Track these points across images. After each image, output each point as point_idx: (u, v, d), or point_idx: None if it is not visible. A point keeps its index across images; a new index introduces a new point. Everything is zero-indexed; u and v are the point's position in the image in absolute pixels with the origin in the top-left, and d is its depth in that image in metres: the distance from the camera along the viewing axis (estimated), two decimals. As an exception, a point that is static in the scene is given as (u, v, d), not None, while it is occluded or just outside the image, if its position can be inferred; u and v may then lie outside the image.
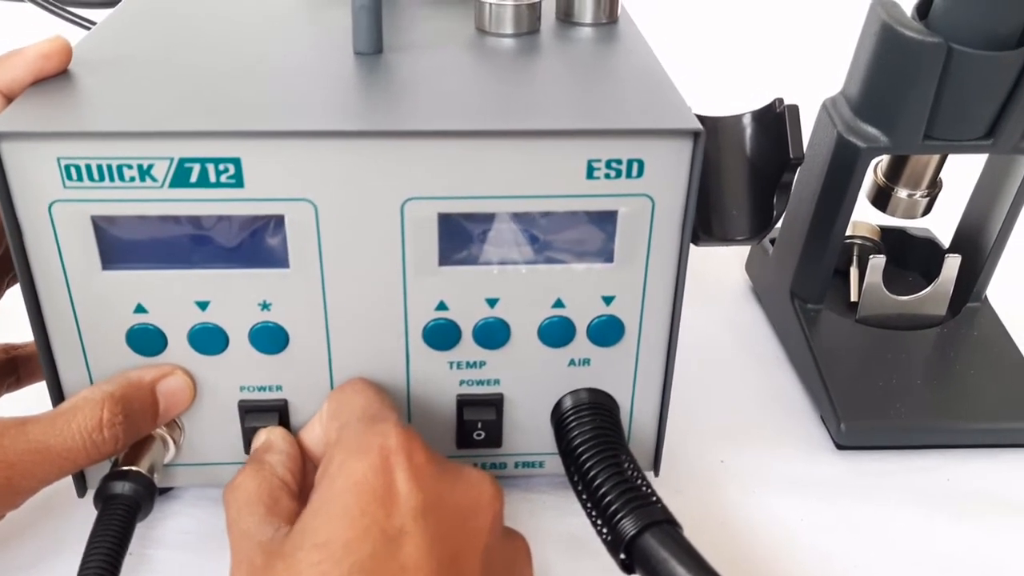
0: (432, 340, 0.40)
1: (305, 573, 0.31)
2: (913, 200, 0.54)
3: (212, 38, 0.45)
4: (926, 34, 0.45)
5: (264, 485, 0.37)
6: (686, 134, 0.36)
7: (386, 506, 0.32)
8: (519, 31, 0.47)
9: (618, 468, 0.38)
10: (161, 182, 0.35)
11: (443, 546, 0.32)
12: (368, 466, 0.33)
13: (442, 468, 0.35)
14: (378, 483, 0.33)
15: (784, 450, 0.50)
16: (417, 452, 0.34)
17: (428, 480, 0.33)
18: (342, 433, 0.36)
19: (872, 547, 0.44)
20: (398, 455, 0.34)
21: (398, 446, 0.34)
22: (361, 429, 0.36)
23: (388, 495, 0.32)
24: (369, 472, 0.33)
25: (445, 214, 0.37)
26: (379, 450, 0.34)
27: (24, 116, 0.35)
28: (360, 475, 0.33)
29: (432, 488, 0.33)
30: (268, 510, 0.35)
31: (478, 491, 0.35)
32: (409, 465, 0.33)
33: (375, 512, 0.32)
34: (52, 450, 0.36)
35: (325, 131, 0.35)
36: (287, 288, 0.38)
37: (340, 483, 0.33)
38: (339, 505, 0.32)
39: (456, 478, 0.35)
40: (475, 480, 0.35)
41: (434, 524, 0.32)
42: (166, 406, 0.39)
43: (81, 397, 0.38)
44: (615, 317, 0.40)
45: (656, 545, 0.35)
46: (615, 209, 0.38)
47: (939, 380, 0.52)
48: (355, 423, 0.37)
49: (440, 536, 0.32)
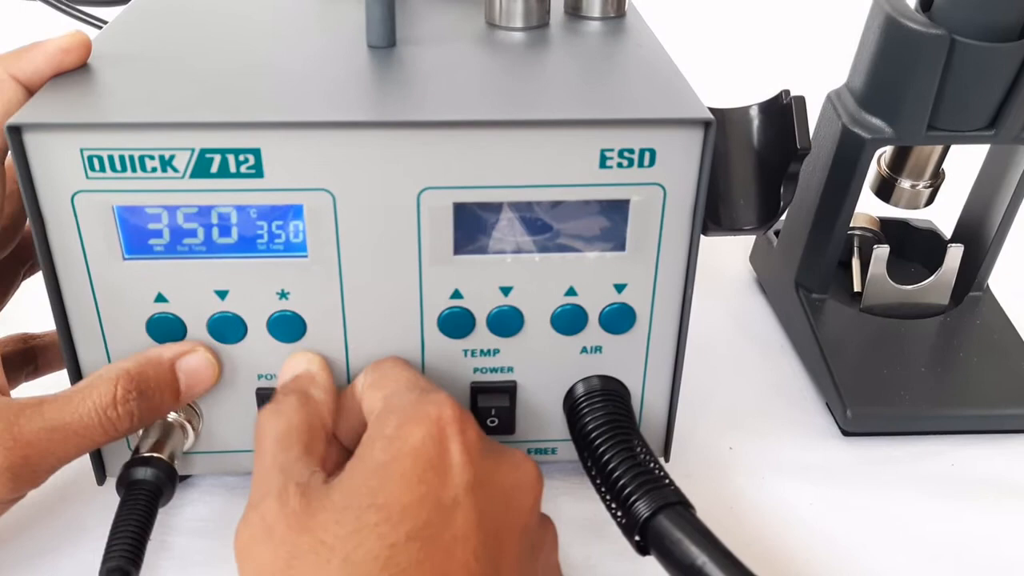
0: (447, 328, 0.41)
1: (363, 532, 0.31)
2: (916, 191, 0.54)
3: (227, 33, 0.46)
4: (929, 26, 0.45)
5: (307, 422, 0.36)
6: (697, 123, 0.37)
7: (441, 476, 0.32)
8: (529, 25, 0.47)
9: (631, 452, 0.39)
10: (182, 172, 0.36)
11: (490, 521, 0.32)
12: (426, 433, 0.33)
13: (490, 447, 0.35)
14: (434, 452, 0.33)
15: (791, 437, 0.51)
16: (470, 428, 0.35)
17: (478, 456, 0.34)
18: (392, 401, 0.36)
19: (877, 531, 0.45)
20: (453, 427, 0.34)
21: (453, 418, 0.34)
22: (414, 399, 0.36)
23: (443, 465, 0.33)
24: (428, 440, 0.33)
25: (460, 203, 0.38)
26: (436, 420, 0.34)
27: (47, 108, 0.36)
28: (418, 442, 0.33)
29: (482, 464, 0.34)
30: (306, 449, 0.35)
31: (522, 472, 0.35)
32: (463, 439, 0.34)
33: (432, 480, 0.32)
34: (68, 428, 0.36)
35: (343, 122, 0.36)
36: (305, 277, 0.39)
37: (398, 447, 0.33)
38: (398, 469, 0.33)
39: (502, 458, 0.35)
40: (519, 461, 0.36)
41: (483, 499, 0.33)
42: (188, 383, 0.39)
43: (96, 375, 0.38)
44: (627, 305, 0.41)
45: (670, 526, 0.36)
46: (627, 198, 0.38)
47: (942, 368, 0.53)
48: (404, 392, 0.37)
49: (487, 512, 0.33)
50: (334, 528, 0.31)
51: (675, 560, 0.35)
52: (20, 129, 0.35)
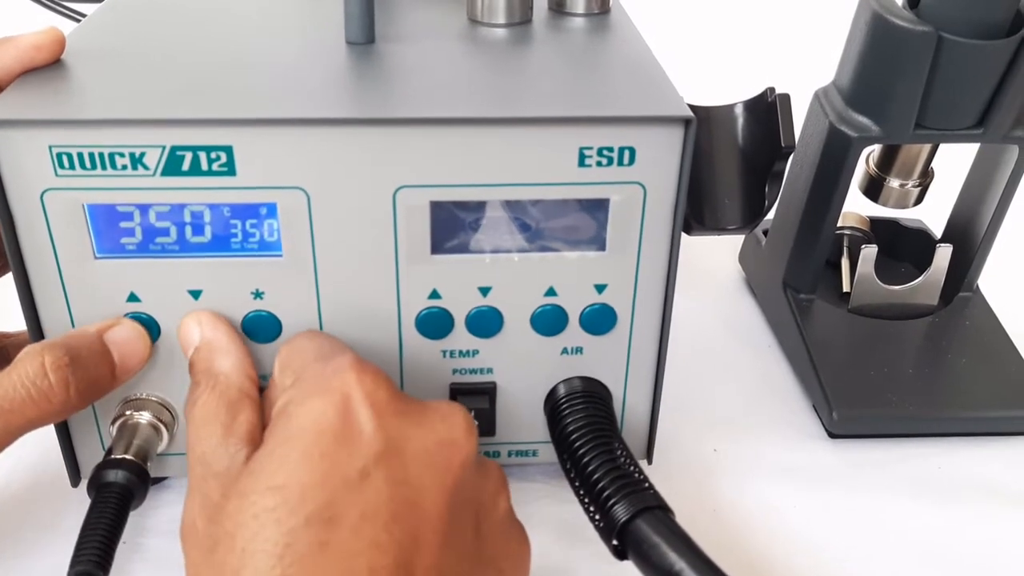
0: (425, 329, 0.40)
1: (260, 518, 0.29)
2: (905, 190, 0.54)
3: (204, 28, 0.45)
4: (916, 23, 0.45)
5: (218, 400, 0.35)
6: (677, 121, 0.36)
7: (348, 448, 0.30)
8: (511, 21, 0.47)
9: (611, 455, 0.39)
10: (153, 170, 0.35)
11: (407, 488, 0.30)
12: (328, 404, 0.31)
13: (407, 405, 0.33)
14: (339, 423, 0.31)
15: (776, 439, 0.50)
16: (380, 388, 0.32)
17: (392, 419, 0.32)
18: (298, 376, 0.34)
19: (863, 534, 0.44)
20: (358, 392, 0.32)
21: (358, 382, 0.32)
22: (317, 370, 0.34)
23: (350, 436, 0.31)
24: (330, 410, 0.31)
25: (437, 202, 0.37)
26: (340, 388, 0.32)
27: (16, 104, 0.35)
28: (319, 414, 0.31)
29: (396, 427, 0.31)
30: (226, 429, 0.33)
31: (447, 426, 0.33)
32: (371, 403, 0.31)
33: (336, 454, 0.30)
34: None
35: (317, 119, 0.35)
36: (280, 276, 0.38)
37: (298, 422, 0.31)
38: (298, 446, 0.31)
39: (423, 415, 0.33)
40: (446, 413, 0.33)
41: (398, 466, 0.30)
42: (121, 355, 0.38)
43: (22, 352, 0.36)
44: (607, 305, 0.40)
45: (648, 530, 0.35)
46: (607, 197, 0.38)
47: (931, 369, 0.52)
48: (311, 364, 0.35)
49: (404, 478, 0.30)
50: (236, 516, 0.30)
51: (653, 565, 0.35)
52: (-13, 126, 0.34)
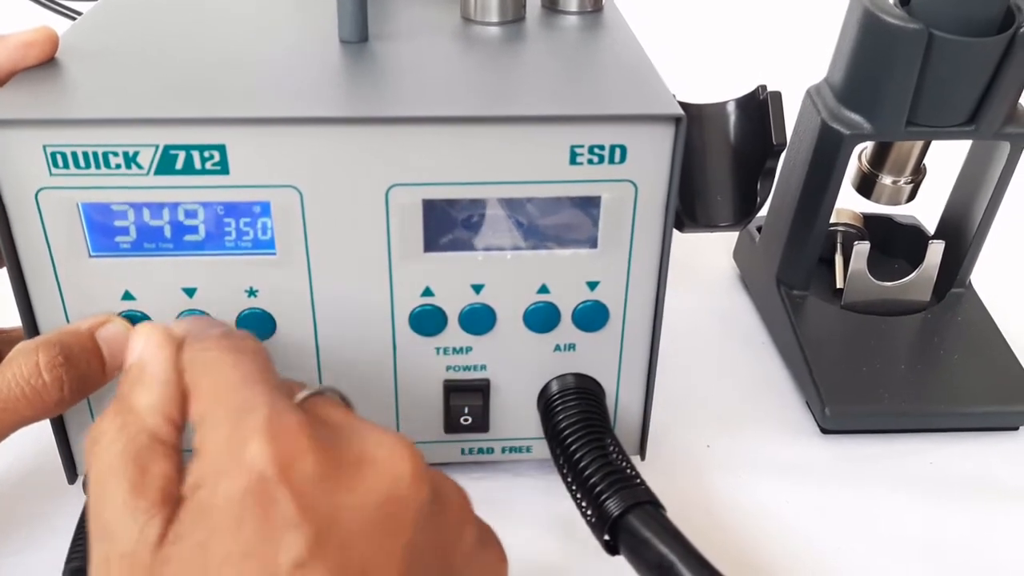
0: (418, 326, 0.41)
1: None
2: (897, 186, 0.54)
3: (198, 27, 0.46)
4: (907, 20, 0.45)
5: (129, 447, 0.28)
6: (667, 119, 0.36)
7: (272, 541, 0.25)
8: (504, 19, 0.47)
9: (603, 451, 0.39)
10: (147, 169, 0.36)
11: (355, 563, 0.26)
12: (242, 490, 0.26)
13: (336, 467, 0.27)
14: (258, 512, 0.26)
15: (769, 434, 0.50)
16: (299, 455, 0.27)
17: (319, 492, 0.26)
18: (206, 433, 0.28)
19: (855, 530, 0.44)
20: (272, 468, 0.26)
21: (271, 456, 0.26)
22: (225, 434, 0.28)
23: (272, 527, 0.26)
24: (246, 498, 0.26)
25: (430, 200, 0.37)
26: (252, 465, 0.26)
27: (10, 103, 0.36)
28: (235, 504, 0.26)
29: (325, 502, 0.26)
30: (133, 487, 0.27)
31: (388, 480, 0.27)
32: (289, 481, 0.26)
33: (260, 552, 0.25)
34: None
35: (309, 117, 0.35)
36: (273, 274, 0.39)
37: (212, 517, 0.26)
38: (217, 545, 0.26)
39: (357, 472, 0.27)
40: (382, 465, 0.28)
41: (335, 551, 0.26)
42: (110, 352, 0.37)
43: (15, 349, 0.36)
44: (600, 302, 0.41)
45: (639, 526, 0.35)
46: (598, 195, 0.38)
47: (923, 365, 0.52)
48: (220, 414, 0.28)
49: (344, 564, 0.26)
50: None
51: (644, 559, 0.35)
52: (-19, 125, 0.34)
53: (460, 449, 0.45)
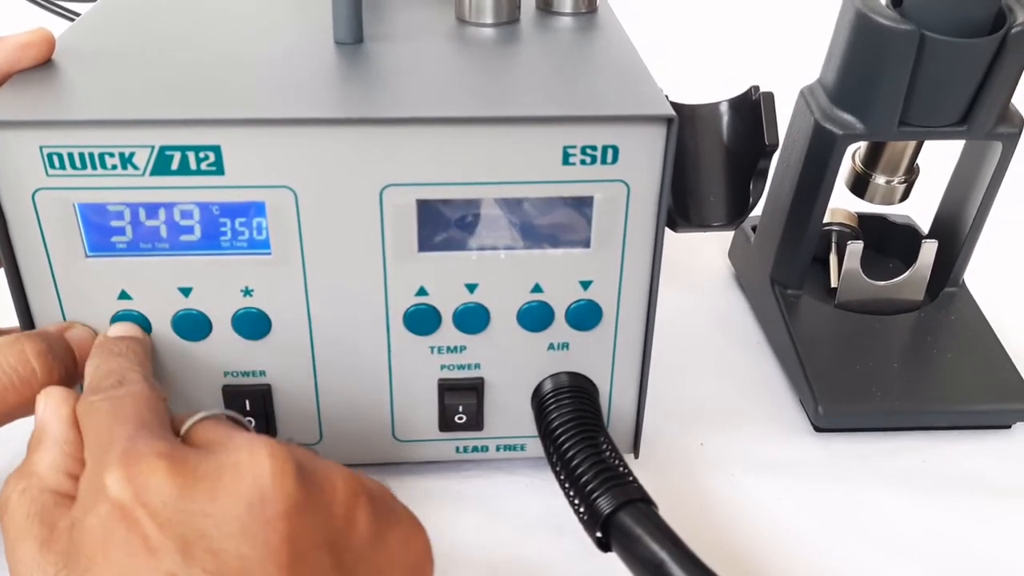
0: (413, 325, 0.41)
1: None
2: (891, 186, 0.54)
3: (194, 29, 0.46)
4: (899, 21, 0.45)
5: (33, 508, 0.30)
6: (659, 120, 0.37)
7: (144, 561, 0.27)
8: (499, 20, 0.47)
9: (595, 449, 0.39)
10: (142, 170, 0.36)
11: (232, 563, 0.27)
12: (107, 521, 0.28)
13: (194, 480, 0.28)
14: (125, 538, 0.27)
15: (763, 433, 0.51)
16: (155, 479, 0.28)
17: (179, 508, 0.27)
18: (82, 477, 0.31)
19: (848, 527, 0.45)
20: (128, 494, 0.28)
21: (126, 483, 0.28)
22: (90, 470, 0.30)
23: (140, 548, 0.27)
24: (111, 527, 0.27)
25: (423, 200, 0.38)
26: (113, 497, 0.28)
27: (7, 105, 0.36)
28: (103, 536, 0.27)
29: (187, 515, 0.27)
30: (42, 544, 0.29)
31: (248, 482, 0.28)
32: (146, 503, 0.28)
33: (132, 573, 0.27)
34: None
35: (304, 119, 0.36)
36: (269, 274, 0.39)
37: (87, 552, 0.28)
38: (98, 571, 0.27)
39: (217, 481, 0.28)
40: (240, 468, 0.28)
41: (206, 556, 0.27)
42: (80, 353, 0.38)
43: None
44: (593, 302, 0.41)
45: (631, 523, 0.36)
46: (591, 195, 0.38)
47: (916, 363, 0.53)
48: (90, 456, 0.31)
49: (218, 567, 0.26)
50: None
51: (636, 557, 0.35)
52: (-22, 127, 0.35)
53: (455, 447, 0.45)
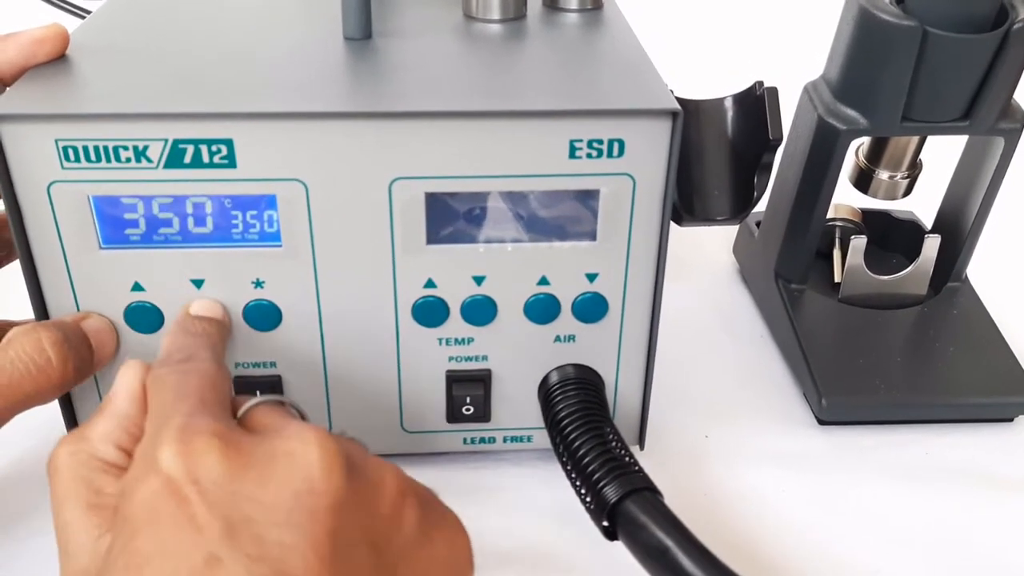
0: (421, 317, 0.41)
1: None
2: (894, 181, 0.55)
3: (205, 24, 0.46)
4: (902, 17, 0.46)
5: (82, 470, 0.31)
6: (665, 114, 0.37)
7: (185, 537, 0.27)
8: (506, 17, 0.48)
9: (601, 439, 0.40)
10: (156, 163, 0.36)
11: (265, 565, 0.26)
12: (156, 493, 0.28)
13: (245, 463, 0.28)
14: (172, 512, 0.27)
15: (767, 425, 0.51)
16: (207, 456, 0.28)
17: (227, 490, 0.27)
18: (139, 447, 0.31)
19: (850, 519, 0.45)
20: (180, 470, 0.28)
21: (179, 458, 0.28)
22: (146, 445, 0.30)
23: (184, 524, 0.27)
24: (159, 501, 0.27)
25: (432, 193, 0.38)
26: (164, 470, 0.28)
27: (23, 99, 0.36)
28: (150, 508, 0.27)
29: (234, 496, 0.27)
30: (89, 507, 0.30)
31: (299, 472, 0.28)
32: (196, 480, 0.27)
33: (175, 549, 0.26)
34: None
35: (315, 112, 0.36)
36: (279, 266, 0.39)
37: (132, 522, 0.27)
38: (138, 548, 0.27)
39: (268, 467, 0.28)
40: (293, 458, 0.28)
41: (249, 540, 0.26)
42: (96, 342, 0.39)
43: (11, 332, 0.37)
44: (599, 294, 0.42)
45: (637, 511, 0.36)
46: (597, 188, 0.39)
47: (919, 357, 0.53)
48: (149, 428, 0.31)
49: (260, 554, 0.26)
50: None
51: (642, 545, 0.36)
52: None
53: (462, 439, 0.46)
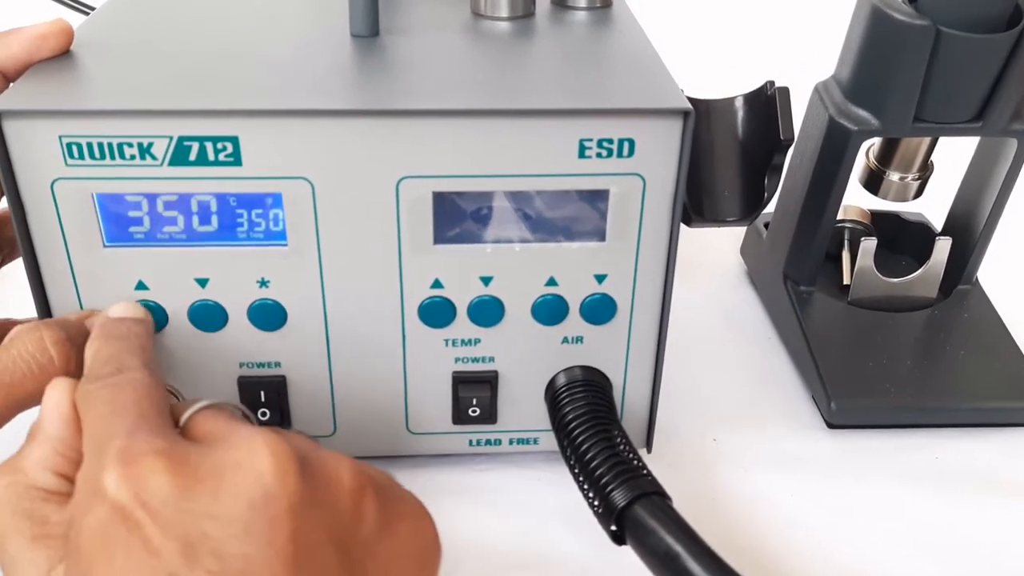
0: (427, 318, 0.41)
1: None
2: (904, 183, 0.54)
3: (211, 21, 0.46)
4: (915, 17, 0.45)
5: (21, 503, 0.30)
6: (676, 113, 0.37)
7: (143, 563, 0.26)
8: (514, 15, 0.47)
9: (610, 442, 0.39)
10: (161, 160, 0.36)
11: (234, 560, 0.26)
12: (106, 523, 0.27)
13: (194, 478, 0.27)
14: (124, 539, 0.26)
15: (775, 428, 0.51)
16: (155, 479, 0.27)
17: (179, 509, 0.26)
18: (81, 468, 0.30)
19: (859, 522, 0.45)
20: (127, 495, 0.27)
21: (124, 483, 0.27)
22: (87, 467, 0.29)
23: (140, 549, 0.26)
24: (110, 530, 0.26)
25: (439, 193, 0.38)
26: (111, 497, 0.27)
27: (27, 94, 0.36)
28: (102, 538, 0.26)
29: (187, 515, 0.26)
30: (34, 539, 0.29)
31: (250, 480, 0.27)
32: (145, 503, 0.26)
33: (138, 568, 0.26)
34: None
35: (321, 110, 0.36)
36: (285, 265, 0.39)
37: (87, 553, 0.27)
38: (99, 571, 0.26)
39: (218, 479, 0.27)
40: (241, 466, 0.27)
41: (209, 558, 0.26)
42: None
43: (14, 331, 0.36)
44: (607, 295, 0.41)
45: (645, 516, 0.36)
46: (606, 188, 0.38)
47: (929, 360, 0.52)
48: (88, 448, 0.30)
49: (222, 569, 0.25)
50: None
51: (650, 549, 0.35)
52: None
53: (468, 440, 0.45)
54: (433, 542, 0.31)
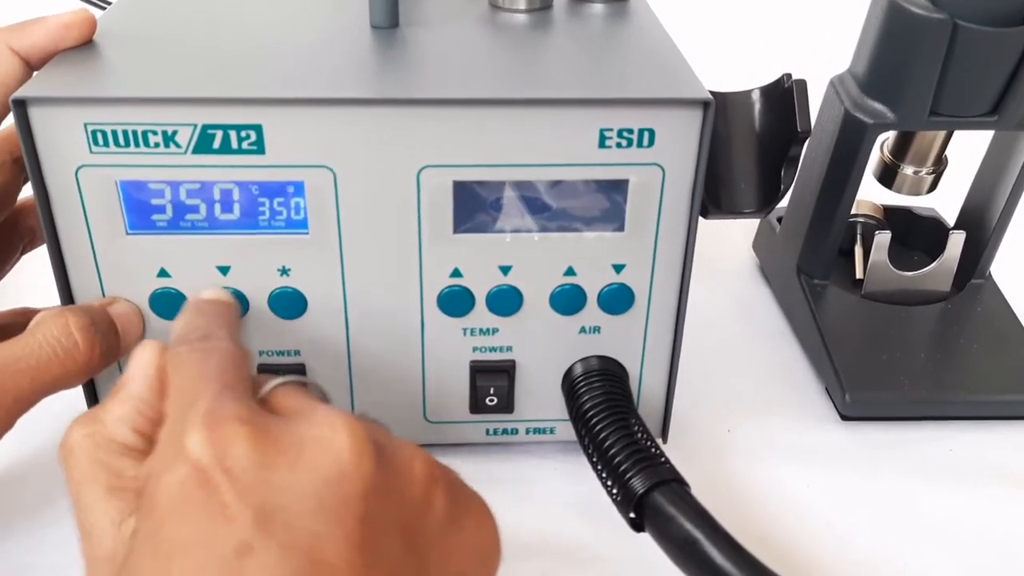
0: (446, 307, 0.41)
1: None
2: (919, 177, 0.54)
3: (232, 12, 0.46)
4: (932, 10, 0.45)
5: (99, 452, 0.30)
6: (696, 104, 0.37)
7: (215, 527, 0.26)
8: (532, 7, 0.47)
9: (627, 430, 0.39)
10: (185, 148, 0.36)
11: (298, 552, 0.25)
12: (184, 482, 0.27)
13: (275, 450, 0.27)
14: (200, 500, 0.26)
15: (789, 420, 0.51)
16: (236, 443, 0.27)
17: (258, 477, 0.27)
18: (162, 428, 0.30)
19: (873, 514, 0.45)
20: (209, 457, 0.27)
21: (208, 445, 0.27)
22: (171, 427, 0.29)
23: (214, 513, 0.26)
24: (187, 489, 0.26)
25: (460, 182, 0.38)
26: (192, 456, 0.27)
27: (52, 82, 0.36)
28: (178, 496, 0.26)
29: (265, 484, 0.26)
30: (110, 489, 0.29)
31: (330, 459, 0.27)
32: (226, 468, 0.27)
33: (205, 539, 0.25)
34: (21, 362, 0.36)
35: (344, 99, 0.36)
36: (306, 254, 0.39)
37: (160, 511, 0.26)
38: (165, 537, 0.26)
39: (298, 454, 0.27)
40: (323, 444, 0.28)
41: (281, 529, 0.26)
42: (123, 327, 0.39)
43: (39, 316, 0.37)
44: (625, 285, 0.41)
45: (665, 503, 0.36)
46: (626, 178, 0.38)
47: (942, 354, 0.53)
48: (172, 410, 0.30)
49: (291, 543, 0.25)
50: None
51: (669, 536, 0.36)
52: (25, 103, 0.35)
53: (485, 430, 0.46)
54: (495, 542, 0.31)
